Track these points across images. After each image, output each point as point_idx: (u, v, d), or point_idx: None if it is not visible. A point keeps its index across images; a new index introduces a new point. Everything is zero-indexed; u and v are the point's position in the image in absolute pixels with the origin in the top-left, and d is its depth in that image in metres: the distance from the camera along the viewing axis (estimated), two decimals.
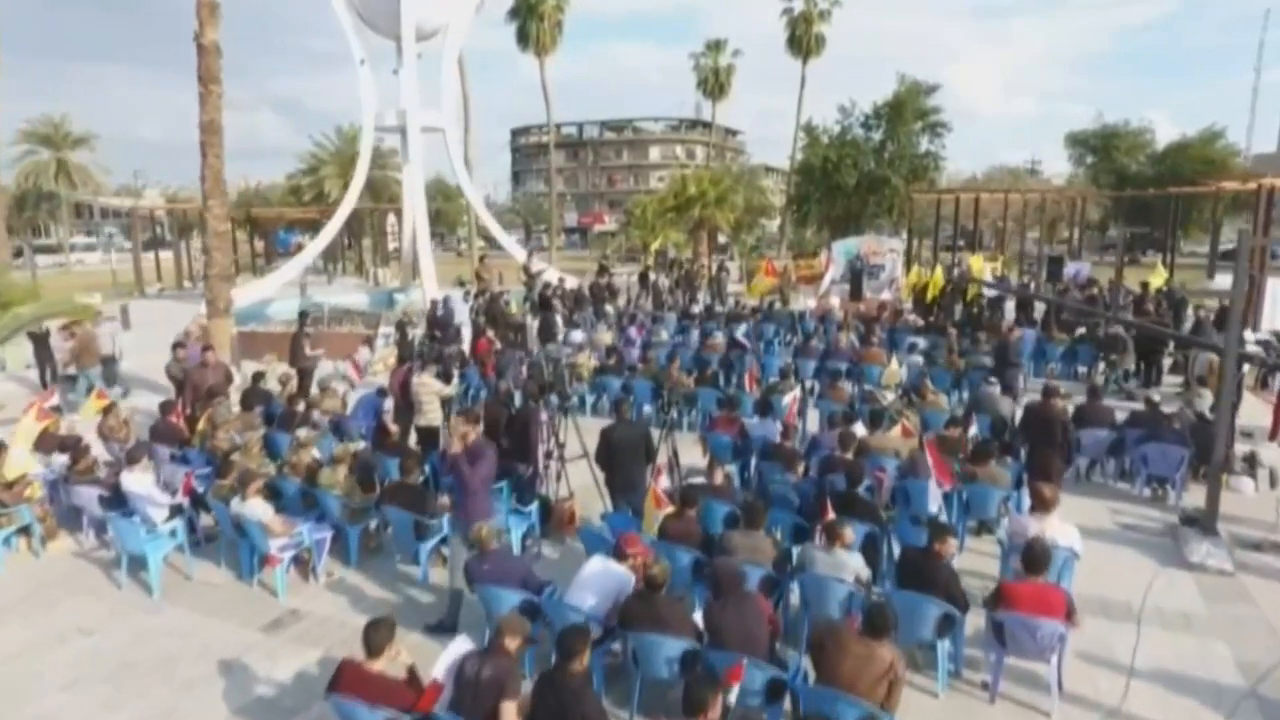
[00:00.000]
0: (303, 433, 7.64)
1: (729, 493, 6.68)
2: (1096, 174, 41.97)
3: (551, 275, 21.71)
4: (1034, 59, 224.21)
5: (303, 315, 13.31)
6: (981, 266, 22.22)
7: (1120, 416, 9.34)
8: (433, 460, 8.29)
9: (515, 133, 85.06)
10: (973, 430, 8.39)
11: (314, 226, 33.91)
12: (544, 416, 8.21)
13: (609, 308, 19.33)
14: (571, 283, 21.66)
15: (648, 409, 11.27)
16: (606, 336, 14.26)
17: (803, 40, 39.74)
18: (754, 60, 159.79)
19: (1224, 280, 19.51)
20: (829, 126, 31.61)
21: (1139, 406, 9.68)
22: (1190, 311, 16.72)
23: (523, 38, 38.47)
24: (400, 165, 23.57)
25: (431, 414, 8.90)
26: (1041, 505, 5.75)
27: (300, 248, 32.22)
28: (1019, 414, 9.67)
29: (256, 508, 6.39)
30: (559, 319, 16.93)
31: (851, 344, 13.83)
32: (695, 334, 14.86)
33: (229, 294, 12.16)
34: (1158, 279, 19.72)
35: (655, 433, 7.42)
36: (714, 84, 46.96)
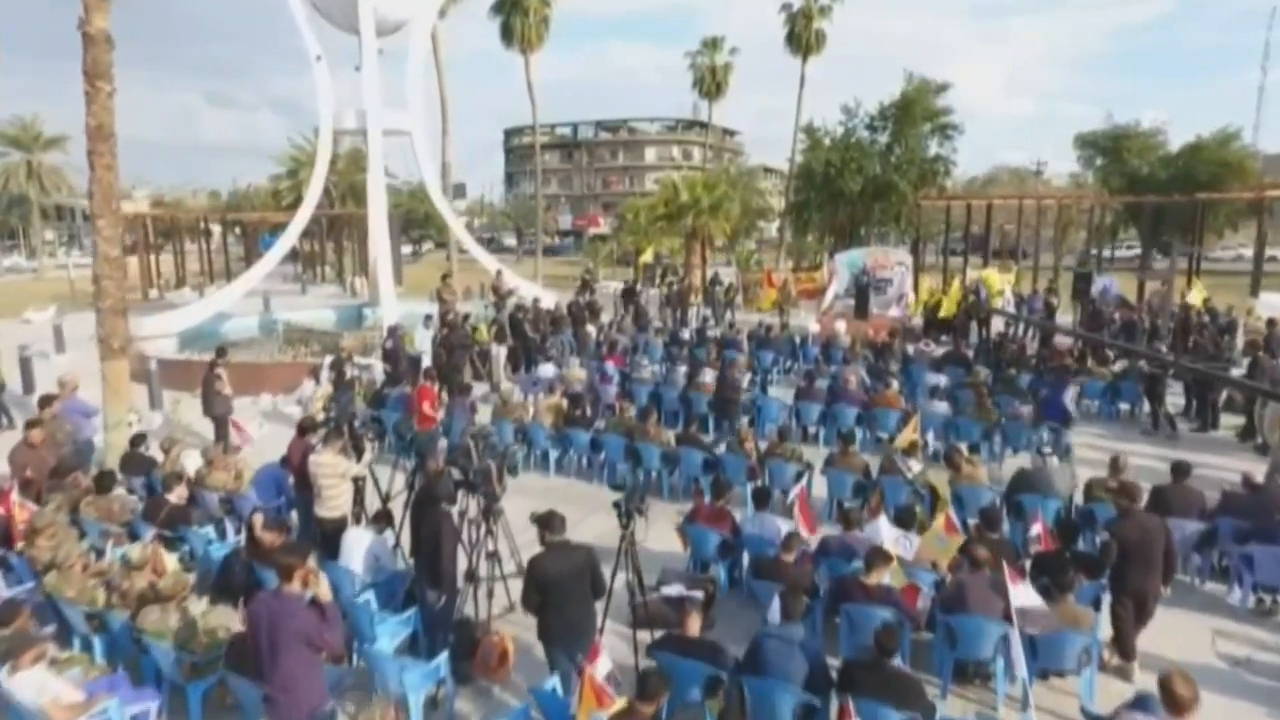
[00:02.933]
0: (135, 550, 5.66)
1: (710, 651, 4.76)
2: (1106, 176, 39.98)
3: (526, 293, 19.78)
4: (1034, 59, 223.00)
5: (220, 351, 11.38)
6: (998, 282, 20.35)
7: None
8: (332, 571, 6.39)
9: (508, 133, 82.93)
10: (1034, 529, 6.40)
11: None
12: (473, 512, 6.32)
13: (589, 328, 17.38)
14: (549, 300, 19.68)
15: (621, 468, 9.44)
16: (579, 373, 12.30)
17: (802, 37, 37.82)
18: (753, 59, 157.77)
19: (1270, 299, 17.55)
20: (831, 128, 29.52)
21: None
22: (1239, 340, 14.86)
23: (507, 34, 36.43)
24: (389, 169, 21.72)
25: (335, 502, 6.93)
26: (1174, 708, 3.82)
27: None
28: (1078, 492, 7.81)
29: (29, 684, 4.45)
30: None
31: (862, 382, 11.95)
32: (682, 369, 12.91)
33: (125, 331, 10.15)
34: (1198, 296, 17.85)
35: (627, 499, 5.44)
36: (711, 83, 45.11)
